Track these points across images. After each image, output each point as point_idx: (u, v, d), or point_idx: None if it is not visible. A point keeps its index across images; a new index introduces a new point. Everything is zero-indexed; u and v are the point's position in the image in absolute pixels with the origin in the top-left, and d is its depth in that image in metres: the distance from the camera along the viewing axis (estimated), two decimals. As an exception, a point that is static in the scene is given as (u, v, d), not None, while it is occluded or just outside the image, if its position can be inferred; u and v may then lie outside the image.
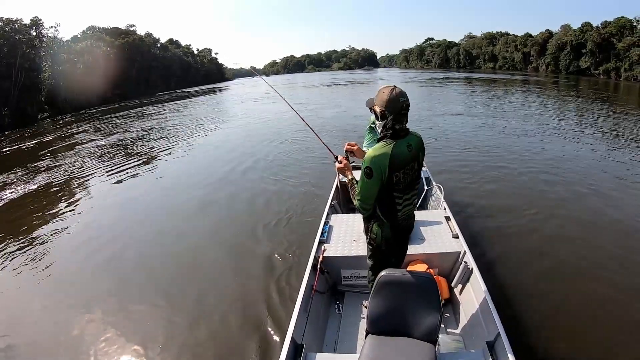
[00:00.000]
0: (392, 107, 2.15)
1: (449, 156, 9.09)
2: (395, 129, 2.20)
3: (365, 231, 2.54)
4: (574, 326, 3.37)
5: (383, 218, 2.36)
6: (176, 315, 3.94)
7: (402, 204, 2.32)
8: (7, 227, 7.01)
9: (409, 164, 2.25)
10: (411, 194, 2.38)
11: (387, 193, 2.25)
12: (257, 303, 3.96)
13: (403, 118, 2.20)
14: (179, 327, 3.75)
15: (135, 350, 3.47)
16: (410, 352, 2.09)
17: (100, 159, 12.50)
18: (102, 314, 4.09)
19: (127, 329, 3.79)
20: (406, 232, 2.56)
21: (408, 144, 2.23)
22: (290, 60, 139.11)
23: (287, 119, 15.81)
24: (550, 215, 5.57)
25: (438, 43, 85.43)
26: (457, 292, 3.25)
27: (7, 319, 4.21)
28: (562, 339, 3.21)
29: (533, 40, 52.79)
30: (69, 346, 3.68)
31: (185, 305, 4.10)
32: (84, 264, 5.37)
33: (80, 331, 3.85)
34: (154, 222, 6.78)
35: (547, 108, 17.69)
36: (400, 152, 2.18)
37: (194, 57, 77.78)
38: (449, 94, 26.46)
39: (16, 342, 3.80)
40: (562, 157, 8.69)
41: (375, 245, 2.48)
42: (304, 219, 5.91)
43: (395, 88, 2.19)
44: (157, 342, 3.55)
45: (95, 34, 47.96)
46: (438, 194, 4.64)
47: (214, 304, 4.07)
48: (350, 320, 3.24)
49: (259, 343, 3.40)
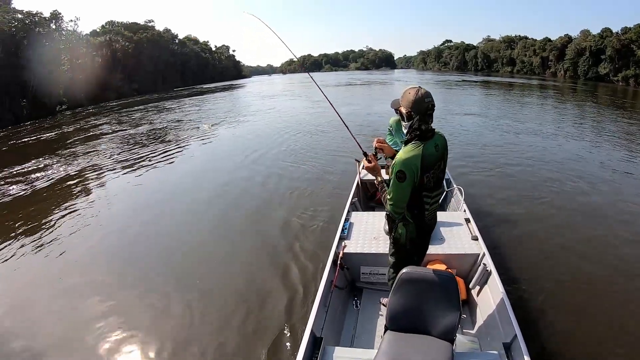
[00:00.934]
0: (417, 108, 2.18)
1: (470, 158, 9.02)
2: (421, 129, 2.23)
3: (389, 230, 2.59)
4: (593, 333, 3.33)
5: (410, 219, 2.41)
6: (193, 305, 3.98)
7: (429, 202, 2.38)
8: (25, 215, 7.14)
9: (437, 164, 2.30)
10: (437, 192, 2.43)
11: (417, 194, 2.29)
12: (276, 295, 4.03)
13: (429, 119, 2.23)
14: (196, 317, 3.80)
15: (151, 341, 3.52)
16: (428, 349, 2.11)
17: (119, 149, 12.72)
18: (117, 303, 4.13)
19: (141, 318, 3.86)
20: (429, 231, 2.60)
21: (435, 144, 2.27)
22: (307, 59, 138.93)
23: (308, 115, 16.51)
24: (572, 222, 5.51)
25: (456, 45, 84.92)
26: (475, 294, 3.27)
27: (19, 303, 4.33)
28: (581, 345, 3.19)
29: (552, 45, 52.10)
30: (78, 332, 3.73)
31: (203, 296, 4.16)
32: (99, 251, 5.49)
33: (90, 318, 3.90)
34: (174, 212, 6.85)
35: (569, 114, 17.31)
36: (429, 153, 2.22)
37: (211, 54, 78.34)
38: (467, 96, 26.26)
39: (27, 327, 3.89)
40: (588, 165, 8.49)
41: (399, 244, 2.53)
42: (324, 214, 5.96)
43: (420, 89, 2.21)
44: (174, 332, 3.61)
45: (114, 28, 48.55)
46: (458, 196, 4.63)
47: (233, 295, 4.13)
48: (367, 317, 3.29)
49: (277, 334, 3.45)
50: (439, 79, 48.15)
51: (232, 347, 3.40)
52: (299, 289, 4.09)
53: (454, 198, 4.92)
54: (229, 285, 4.34)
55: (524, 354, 2.22)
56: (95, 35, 44.06)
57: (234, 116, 19.73)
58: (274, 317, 3.70)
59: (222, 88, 47.73)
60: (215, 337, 3.51)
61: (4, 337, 3.75)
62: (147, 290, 4.38)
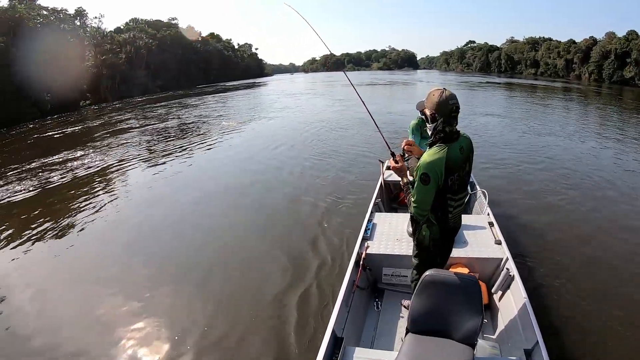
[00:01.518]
0: (442, 110, 2.18)
1: (494, 161, 8.94)
2: (446, 131, 2.21)
3: (413, 232, 2.57)
4: (618, 345, 3.22)
5: (434, 221, 2.38)
6: (214, 300, 4.04)
7: (453, 205, 2.36)
8: (47, 207, 7.34)
9: (462, 167, 2.28)
10: (462, 195, 2.41)
11: (441, 196, 2.27)
12: (298, 292, 4.03)
13: (453, 121, 2.21)
14: (216, 312, 3.84)
15: (171, 336, 3.52)
16: (449, 353, 2.08)
17: (144, 143, 13.05)
18: (134, 296, 4.17)
19: (162, 312, 3.88)
20: (453, 233, 2.57)
21: (460, 146, 2.26)
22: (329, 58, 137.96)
23: (332, 113, 16.97)
24: (600, 232, 5.31)
25: (479, 46, 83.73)
26: (497, 298, 3.23)
27: (35, 292, 4.43)
28: (603, 353, 3.12)
29: (576, 47, 51.08)
30: (91, 322, 3.81)
31: (223, 291, 4.21)
32: (117, 244, 5.58)
33: (105, 309, 3.98)
34: (197, 207, 6.93)
35: (594, 118, 16.85)
36: (454, 156, 2.21)
37: (234, 52, 78.72)
38: (491, 97, 26.05)
39: (48, 315, 4.02)
40: (621, 172, 8.18)
41: (423, 245, 2.52)
42: (347, 214, 5.97)
43: (445, 91, 2.20)
44: (193, 328, 3.61)
45: (137, 25, 49.18)
46: (482, 199, 4.58)
47: (254, 291, 4.16)
48: (388, 318, 3.27)
49: (298, 332, 3.46)
50: (462, 80, 47.56)
51: (253, 344, 3.39)
52: (321, 288, 4.08)
53: (478, 201, 4.90)
54: (251, 282, 4.36)
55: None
56: (119, 32, 44.77)
57: (259, 113, 19.97)
58: (295, 315, 3.69)
59: (245, 86, 48.28)
60: (235, 333, 3.51)
61: (25, 327, 3.82)
62: (168, 283, 4.44)
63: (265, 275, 4.46)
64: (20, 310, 4.11)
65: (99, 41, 35.65)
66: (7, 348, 3.57)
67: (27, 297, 4.35)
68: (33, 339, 3.64)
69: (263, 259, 4.85)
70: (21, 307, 4.18)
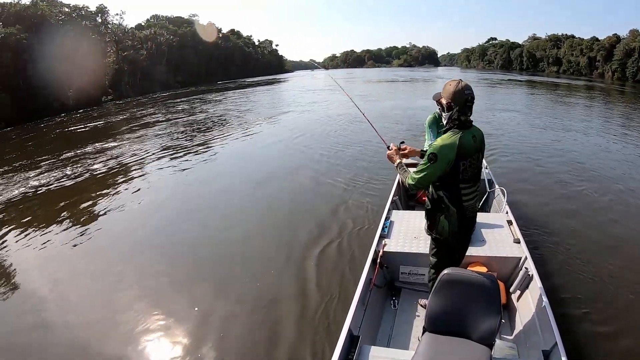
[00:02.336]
0: (457, 99, 2.24)
1: (514, 159, 8.74)
2: (460, 120, 2.27)
3: (430, 227, 2.55)
4: (638, 345, 3.12)
5: (451, 205, 2.37)
6: (229, 297, 4.01)
7: (467, 194, 2.37)
8: (69, 200, 7.44)
9: (474, 154, 2.31)
10: (475, 187, 2.42)
11: (453, 182, 2.31)
12: (315, 290, 4.02)
13: (468, 110, 2.28)
14: (232, 311, 3.80)
15: (184, 332, 3.52)
16: (467, 353, 2.05)
17: (166, 138, 13.12)
18: (148, 289, 4.23)
19: (174, 307, 3.88)
20: (471, 225, 2.55)
21: (473, 135, 2.31)
22: (350, 54, 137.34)
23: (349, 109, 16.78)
24: (625, 232, 5.11)
25: (501, 43, 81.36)
26: (515, 298, 3.19)
27: (53, 283, 4.51)
28: (623, 356, 3.00)
29: (599, 45, 49.20)
30: (106, 313, 3.86)
31: (238, 289, 4.16)
32: (137, 237, 5.70)
33: (120, 302, 4.03)
34: (213, 203, 6.96)
35: (618, 118, 15.92)
36: (467, 142, 2.25)
37: (254, 48, 78.94)
38: (511, 95, 25.57)
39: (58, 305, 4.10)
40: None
41: (441, 239, 2.52)
42: (363, 211, 5.86)
43: (460, 81, 2.28)
44: (209, 324, 3.60)
45: (158, 22, 49.68)
46: (500, 197, 4.52)
47: (270, 287, 4.13)
48: (405, 317, 3.25)
49: (315, 330, 3.43)
50: (483, 77, 46.69)
51: (269, 341, 3.35)
52: (338, 286, 4.04)
53: (496, 199, 4.82)
54: (266, 278, 4.31)
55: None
56: (140, 28, 45.25)
57: (285, 108, 20.14)
58: (312, 313, 3.66)
59: (267, 82, 48.53)
60: (251, 330, 3.50)
61: (44, 319, 3.85)
62: (181, 276, 4.49)
63: (281, 273, 4.41)
64: (39, 300, 4.17)
65: (120, 38, 36.06)
66: (23, 338, 3.61)
67: (46, 286, 4.43)
68: (50, 329, 3.70)
69: (278, 257, 4.76)
70: (40, 296, 4.23)
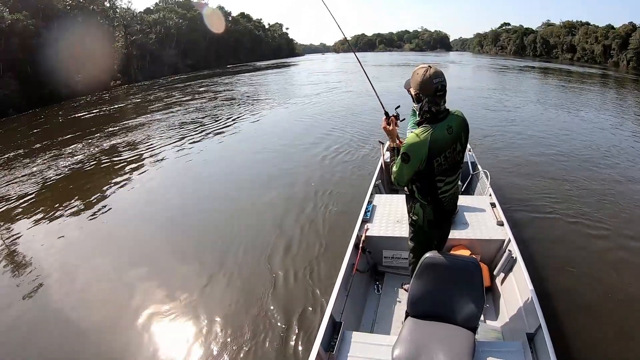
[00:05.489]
0: (426, 89, 2.06)
1: (500, 141, 8.81)
2: (432, 111, 2.11)
3: (408, 211, 2.48)
4: (620, 327, 3.16)
5: (423, 201, 2.30)
6: (212, 284, 4.02)
7: (443, 187, 2.25)
8: (76, 187, 7.50)
9: (450, 147, 2.15)
10: (455, 176, 2.30)
11: (428, 177, 2.20)
12: (296, 277, 3.99)
13: (440, 100, 2.09)
14: (213, 297, 3.83)
15: (173, 315, 3.60)
16: (450, 337, 2.05)
17: (175, 123, 13.01)
18: (151, 271, 4.37)
19: (166, 288, 3.98)
20: (449, 215, 2.47)
21: (448, 126, 2.13)
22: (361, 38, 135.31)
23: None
24: (606, 212, 5.17)
25: (514, 29, 79.02)
26: (499, 281, 3.19)
27: (63, 266, 4.62)
28: (606, 338, 3.06)
29: (615, 33, 47.33)
30: (116, 298, 3.95)
31: (223, 276, 4.15)
32: (143, 223, 5.77)
33: (127, 285, 4.12)
34: (204, 187, 7.07)
35: (619, 104, 15.65)
36: (439, 137, 2.08)
37: (264, 32, 78.04)
38: (520, 81, 25.13)
39: (69, 288, 4.20)
40: (630, 155, 7.88)
41: (417, 226, 2.45)
42: (346, 196, 5.88)
43: (429, 68, 2.07)
44: (196, 313, 3.61)
45: (167, 6, 49.15)
46: (484, 180, 4.50)
47: (252, 276, 4.12)
48: (388, 302, 3.23)
49: (297, 318, 3.41)
50: (494, 63, 46.04)
51: (251, 329, 3.34)
52: (320, 272, 4.03)
53: (480, 182, 4.78)
54: (248, 266, 4.30)
55: (548, 345, 2.11)
56: (149, 12, 44.90)
57: (295, 91, 20.37)
58: (294, 300, 3.65)
59: (277, 65, 48.69)
60: (233, 318, 3.49)
61: (54, 303, 3.95)
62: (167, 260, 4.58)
63: (263, 261, 4.37)
64: (51, 288, 4.23)
65: (128, 22, 35.79)
66: (33, 327, 3.64)
67: (58, 273, 4.50)
68: (63, 317, 3.74)
69: (259, 244, 4.74)
70: (52, 285, 4.30)
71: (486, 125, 10.32)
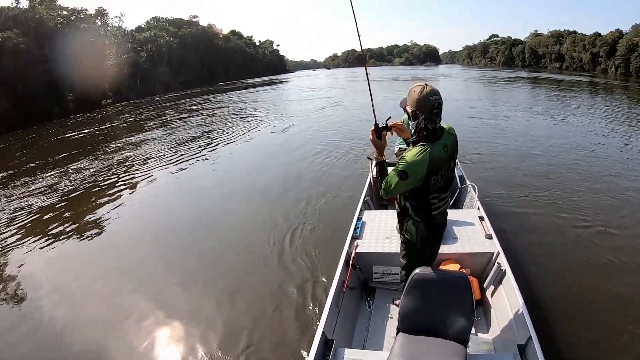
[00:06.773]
0: (422, 107, 2.08)
1: (487, 154, 8.82)
2: (429, 129, 2.12)
3: (400, 229, 2.50)
4: (610, 333, 3.20)
5: (417, 218, 2.32)
6: (203, 303, 4.02)
7: (437, 203, 2.28)
8: (71, 203, 7.52)
9: (445, 165, 2.19)
10: (447, 193, 2.34)
11: (424, 195, 2.22)
12: (287, 295, 3.96)
13: (436, 117, 2.11)
14: (204, 315, 3.81)
15: (166, 330, 3.64)
16: (441, 352, 2.07)
17: (168, 141, 13.01)
18: (146, 288, 4.38)
19: (159, 305, 3.98)
20: (440, 230, 2.51)
21: (444, 144, 2.16)
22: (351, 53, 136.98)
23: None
24: (594, 222, 5.18)
25: (503, 40, 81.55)
26: (489, 294, 3.20)
27: (56, 284, 4.65)
28: (597, 350, 3.04)
29: (602, 41, 48.65)
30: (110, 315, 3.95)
31: (212, 294, 4.16)
32: (138, 240, 5.80)
33: (124, 301, 4.14)
34: (194, 208, 6.95)
35: (607, 111, 15.77)
36: (437, 156, 2.11)
37: (255, 49, 78.78)
38: (508, 91, 25.68)
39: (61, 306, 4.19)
40: (621, 165, 7.83)
41: (410, 244, 2.46)
42: (335, 214, 5.86)
43: (426, 86, 2.10)
44: (191, 329, 3.62)
45: (158, 24, 49.57)
46: (472, 193, 4.55)
47: (243, 296, 4.08)
48: (380, 317, 3.23)
49: (289, 336, 3.40)
50: (484, 74, 46.60)
51: (243, 349, 3.30)
52: (311, 290, 4.00)
53: (468, 195, 4.80)
54: (236, 287, 4.25)
55: (539, 355, 2.15)
56: (140, 31, 45.19)
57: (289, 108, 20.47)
58: (285, 319, 3.63)
59: (269, 82, 48.74)
60: (223, 338, 3.46)
61: (47, 316, 3.99)
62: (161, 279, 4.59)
63: (253, 280, 4.37)
64: (46, 305, 4.22)
65: (119, 40, 35.96)
66: (30, 340, 3.69)
67: (53, 291, 4.49)
68: (58, 332, 3.77)
69: (249, 263, 4.77)
70: (47, 301, 4.28)
71: (474, 137, 10.41)
